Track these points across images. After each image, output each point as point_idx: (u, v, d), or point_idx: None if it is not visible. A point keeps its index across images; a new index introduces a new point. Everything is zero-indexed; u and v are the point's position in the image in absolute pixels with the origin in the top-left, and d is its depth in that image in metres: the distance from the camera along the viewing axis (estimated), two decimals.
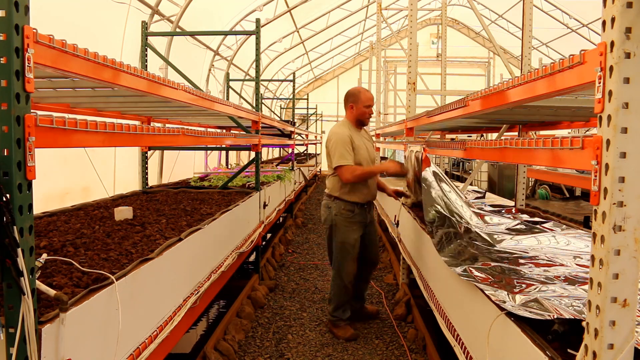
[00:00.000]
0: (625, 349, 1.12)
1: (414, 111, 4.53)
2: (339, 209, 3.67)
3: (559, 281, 2.08)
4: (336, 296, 3.75)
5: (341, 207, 3.67)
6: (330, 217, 3.72)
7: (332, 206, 3.70)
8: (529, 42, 3.80)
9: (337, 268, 3.73)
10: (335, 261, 3.76)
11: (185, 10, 7.47)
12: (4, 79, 1.26)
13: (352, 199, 3.67)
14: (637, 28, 1.07)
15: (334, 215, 3.69)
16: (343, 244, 3.68)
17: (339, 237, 3.68)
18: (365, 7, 14.58)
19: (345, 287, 3.73)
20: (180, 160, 7.66)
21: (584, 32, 13.03)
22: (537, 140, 1.53)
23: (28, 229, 1.34)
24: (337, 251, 3.71)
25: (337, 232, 3.69)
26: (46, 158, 4.24)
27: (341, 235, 3.68)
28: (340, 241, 3.69)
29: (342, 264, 3.70)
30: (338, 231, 3.68)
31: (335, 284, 3.76)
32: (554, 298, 1.79)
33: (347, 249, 3.68)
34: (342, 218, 3.68)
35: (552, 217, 3.97)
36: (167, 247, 2.39)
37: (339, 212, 3.67)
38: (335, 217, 3.68)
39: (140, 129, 2.07)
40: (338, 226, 3.68)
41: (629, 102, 1.08)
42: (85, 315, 1.59)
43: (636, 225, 1.11)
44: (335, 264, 3.76)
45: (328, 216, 3.75)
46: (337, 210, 3.68)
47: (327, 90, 21.34)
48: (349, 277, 3.72)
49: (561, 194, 8.14)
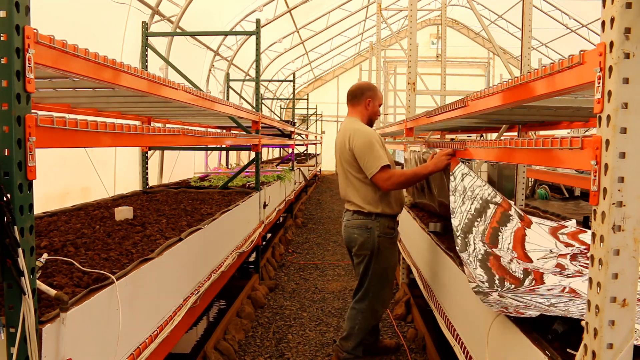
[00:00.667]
0: (625, 349, 1.12)
1: (413, 111, 4.53)
2: (383, 229, 2.89)
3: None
4: (362, 331, 3.00)
5: (385, 225, 2.90)
6: (372, 241, 2.88)
7: (374, 226, 2.88)
8: (528, 43, 3.81)
9: (371, 300, 2.98)
10: (368, 291, 2.97)
11: (185, 10, 7.47)
12: (4, 79, 1.26)
13: (392, 211, 2.96)
14: (636, 28, 1.07)
15: (377, 237, 2.88)
16: (386, 270, 2.95)
17: (381, 262, 2.92)
18: (365, 8, 14.58)
19: (376, 321, 3.14)
20: (180, 160, 7.67)
21: (583, 33, 13.03)
22: (537, 140, 1.53)
23: (29, 229, 1.34)
24: (376, 280, 2.95)
25: (380, 257, 2.90)
26: (46, 158, 4.24)
27: (385, 261, 2.93)
28: (382, 267, 2.93)
29: (380, 294, 2.98)
30: (381, 256, 2.90)
31: (364, 318, 2.99)
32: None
33: (389, 275, 3.00)
34: (386, 239, 2.91)
35: (552, 217, 3.97)
36: (168, 247, 2.39)
37: (383, 231, 2.90)
38: (378, 240, 2.88)
39: (141, 129, 2.07)
40: (381, 250, 2.89)
41: (629, 102, 1.09)
42: (86, 315, 1.59)
43: (635, 225, 1.11)
44: (367, 294, 2.98)
45: (368, 240, 2.89)
46: (380, 230, 2.89)
47: (327, 91, 21.35)
48: (385, 308, 3.15)
49: (561, 194, 8.14)
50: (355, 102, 3.10)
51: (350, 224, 2.95)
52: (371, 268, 2.92)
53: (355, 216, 2.93)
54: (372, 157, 2.82)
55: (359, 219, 2.91)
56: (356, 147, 2.87)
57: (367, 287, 2.95)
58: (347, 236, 3.00)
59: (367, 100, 3.07)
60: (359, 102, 3.08)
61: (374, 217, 2.88)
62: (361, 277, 2.98)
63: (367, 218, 2.89)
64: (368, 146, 2.85)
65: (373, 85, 3.18)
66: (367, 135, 2.88)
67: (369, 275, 2.93)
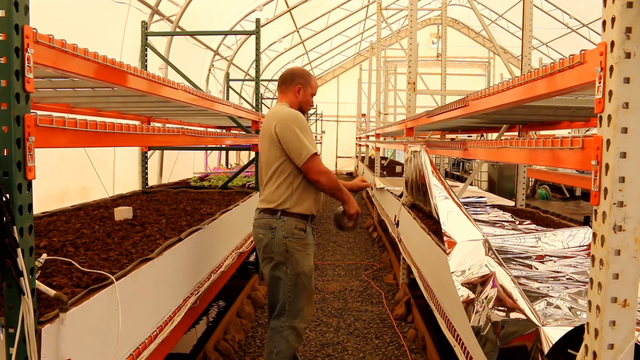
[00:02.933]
0: (626, 349, 1.11)
1: (414, 111, 4.53)
2: (290, 229, 2.57)
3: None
4: (282, 357, 2.58)
5: (292, 225, 2.57)
6: (276, 243, 2.56)
7: (278, 226, 2.57)
8: (529, 42, 3.80)
9: (290, 315, 2.59)
10: (284, 304, 2.59)
11: (185, 10, 7.47)
12: (3, 79, 1.26)
13: (303, 210, 2.61)
14: (637, 28, 1.07)
15: (283, 238, 2.55)
16: (298, 276, 2.58)
17: (292, 268, 2.57)
18: (365, 7, 14.57)
19: (297, 342, 2.64)
20: (180, 160, 7.67)
21: (584, 32, 13.03)
22: (537, 140, 1.53)
23: (28, 229, 1.34)
24: (290, 289, 2.58)
25: (289, 261, 2.57)
26: (45, 158, 4.24)
27: (295, 266, 2.57)
28: (294, 273, 2.58)
29: (297, 306, 2.59)
30: (290, 260, 2.57)
31: (282, 338, 2.58)
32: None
33: (304, 283, 2.61)
34: (294, 240, 2.57)
35: (552, 216, 3.97)
36: (167, 247, 2.39)
37: (290, 232, 2.57)
38: (285, 241, 2.56)
39: (140, 128, 2.07)
40: (290, 253, 2.56)
41: (629, 102, 1.08)
42: (85, 315, 1.59)
43: (636, 225, 1.11)
44: (283, 308, 2.60)
45: (271, 242, 2.57)
46: (287, 230, 2.56)
47: (327, 91, 21.34)
48: (306, 323, 2.68)
49: (561, 194, 8.14)
50: (284, 88, 2.78)
51: (256, 223, 2.67)
52: (279, 275, 2.58)
53: (261, 215, 2.64)
54: (303, 142, 2.52)
55: (264, 218, 2.62)
56: (283, 132, 2.54)
57: (282, 300, 2.59)
58: (254, 237, 2.71)
59: (297, 87, 2.75)
60: (287, 88, 2.77)
61: (280, 215, 2.57)
62: (270, 286, 2.65)
63: (270, 216, 2.59)
64: (296, 129, 2.53)
65: (307, 72, 2.87)
66: (298, 118, 2.57)
67: (279, 284, 2.59)
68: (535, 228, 3.39)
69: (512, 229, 3.39)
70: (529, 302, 1.56)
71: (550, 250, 2.66)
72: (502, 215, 3.99)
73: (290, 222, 2.58)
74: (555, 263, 2.39)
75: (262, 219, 2.64)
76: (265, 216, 2.63)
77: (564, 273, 2.19)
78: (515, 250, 2.64)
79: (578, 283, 2.02)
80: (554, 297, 1.73)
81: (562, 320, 1.49)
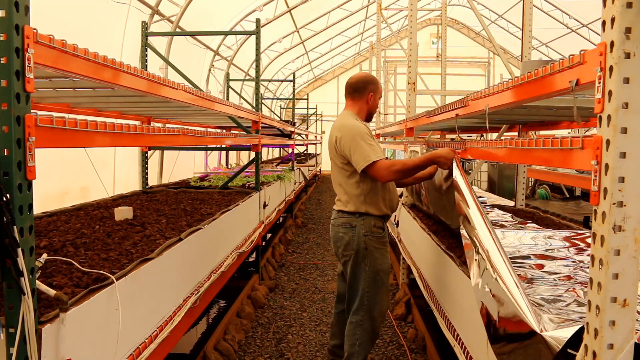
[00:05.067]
0: (625, 349, 1.12)
1: (414, 111, 4.53)
2: (369, 227, 2.69)
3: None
4: (364, 348, 2.72)
5: (371, 223, 2.70)
6: (357, 240, 2.68)
7: (358, 224, 2.69)
8: (529, 42, 3.80)
9: (367, 308, 2.71)
10: (362, 299, 2.72)
11: (185, 10, 7.47)
12: (4, 79, 1.26)
13: (380, 211, 2.74)
14: (637, 28, 1.07)
15: (363, 236, 2.68)
16: (377, 273, 2.71)
17: (371, 265, 2.69)
18: (365, 7, 14.58)
19: (376, 334, 2.79)
20: (180, 160, 7.66)
21: (584, 32, 13.03)
22: (537, 140, 1.53)
23: (28, 229, 1.34)
24: (369, 285, 2.70)
25: (368, 258, 2.68)
26: (46, 158, 4.24)
27: (374, 263, 2.69)
28: (373, 270, 2.69)
29: (376, 300, 2.72)
30: (369, 257, 2.68)
31: (364, 331, 2.71)
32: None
33: (383, 279, 2.73)
34: (374, 239, 2.70)
35: (552, 216, 3.97)
36: (167, 247, 2.39)
37: (370, 230, 2.69)
38: (365, 239, 2.68)
39: (140, 129, 2.07)
40: (369, 250, 2.68)
41: (629, 102, 1.08)
42: (86, 315, 1.59)
43: (636, 225, 1.11)
44: (362, 303, 2.72)
45: (352, 239, 2.69)
46: (366, 228, 2.69)
47: (327, 90, 21.34)
48: (383, 317, 2.80)
49: (561, 194, 8.14)
50: (356, 97, 2.86)
51: (335, 222, 2.80)
52: (361, 271, 2.70)
53: (339, 214, 2.78)
54: (362, 151, 2.62)
55: (342, 217, 2.76)
56: (341, 144, 2.70)
57: (361, 294, 2.71)
58: (333, 235, 2.83)
59: (369, 95, 2.85)
60: (360, 96, 2.86)
61: (358, 215, 2.71)
62: (351, 283, 2.75)
63: (350, 216, 2.73)
64: (355, 140, 2.64)
65: (374, 77, 2.96)
66: (354, 130, 2.68)
67: (359, 279, 2.71)
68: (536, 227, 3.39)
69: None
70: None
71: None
72: (502, 215, 4.00)
73: (369, 221, 2.71)
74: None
75: (341, 218, 2.77)
76: (344, 215, 2.76)
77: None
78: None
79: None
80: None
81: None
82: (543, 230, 3.22)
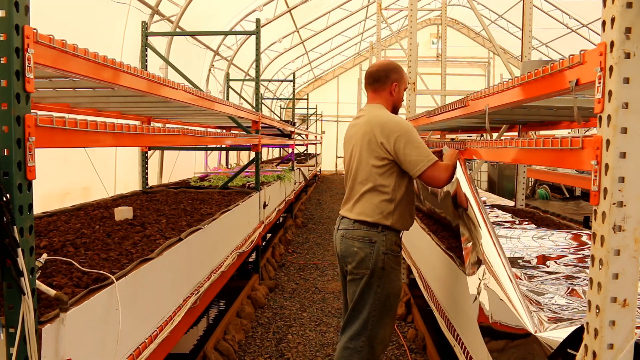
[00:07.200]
0: (625, 349, 1.12)
1: (414, 111, 4.53)
2: (390, 244, 2.32)
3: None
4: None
5: (392, 240, 2.33)
6: (375, 258, 2.29)
7: (379, 240, 2.30)
8: (529, 42, 3.80)
9: (370, 334, 2.33)
10: (366, 324, 2.33)
11: (185, 10, 7.47)
12: (4, 79, 1.26)
13: (405, 225, 2.41)
14: (637, 28, 1.07)
15: (382, 254, 2.30)
16: (388, 297, 2.34)
17: (384, 287, 2.32)
18: (365, 7, 14.57)
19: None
20: (180, 160, 7.66)
21: (584, 32, 13.03)
22: (537, 140, 1.53)
23: (28, 229, 1.34)
24: (378, 309, 2.33)
25: (383, 280, 2.31)
26: (46, 158, 4.23)
27: (388, 285, 2.33)
28: (385, 293, 2.32)
29: (380, 327, 2.34)
30: (385, 279, 2.31)
31: (361, 359, 2.32)
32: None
33: (392, 303, 2.37)
34: (393, 257, 2.33)
35: (552, 216, 3.97)
36: (167, 247, 2.39)
37: (390, 248, 2.32)
38: (384, 257, 2.30)
39: (141, 129, 2.07)
40: (386, 271, 2.31)
41: (629, 102, 1.08)
42: (86, 315, 1.59)
43: (636, 225, 1.11)
44: (364, 328, 2.33)
45: (369, 257, 2.30)
46: (387, 246, 2.31)
47: (327, 90, 21.35)
48: (385, 346, 2.41)
49: (561, 194, 8.14)
50: (378, 87, 2.46)
51: (350, 234, 2.34)
52: (371, 293, 2.31)
53: (356, 225, 2.33)
54: (419, 151, 2.26)
55: (361, 229, 2.32)
56: (395, 141, 2.27)
57: (365, 318, 2.32)
58: (344, 249, 2.37)
59: (394, 85, 2.45)
60: (382, 87, 2.45)
61: (381, 229, 2.31)
62: (356, 304, 2.34)
63: (373, 229, 2.31)
64: (410, 138, 2.28)
65: (398, 65, 2.51)
66: (404, 125, 2.32)
67: (367, 302, 2.31)
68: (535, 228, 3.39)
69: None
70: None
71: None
72: (502, 215, 4.00)
73: (391, 237, 2.33)
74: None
75: (358, 231, 2.33)
76: (362, 227, 2.33)
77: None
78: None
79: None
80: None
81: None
82: (543, 230, 3.23)
